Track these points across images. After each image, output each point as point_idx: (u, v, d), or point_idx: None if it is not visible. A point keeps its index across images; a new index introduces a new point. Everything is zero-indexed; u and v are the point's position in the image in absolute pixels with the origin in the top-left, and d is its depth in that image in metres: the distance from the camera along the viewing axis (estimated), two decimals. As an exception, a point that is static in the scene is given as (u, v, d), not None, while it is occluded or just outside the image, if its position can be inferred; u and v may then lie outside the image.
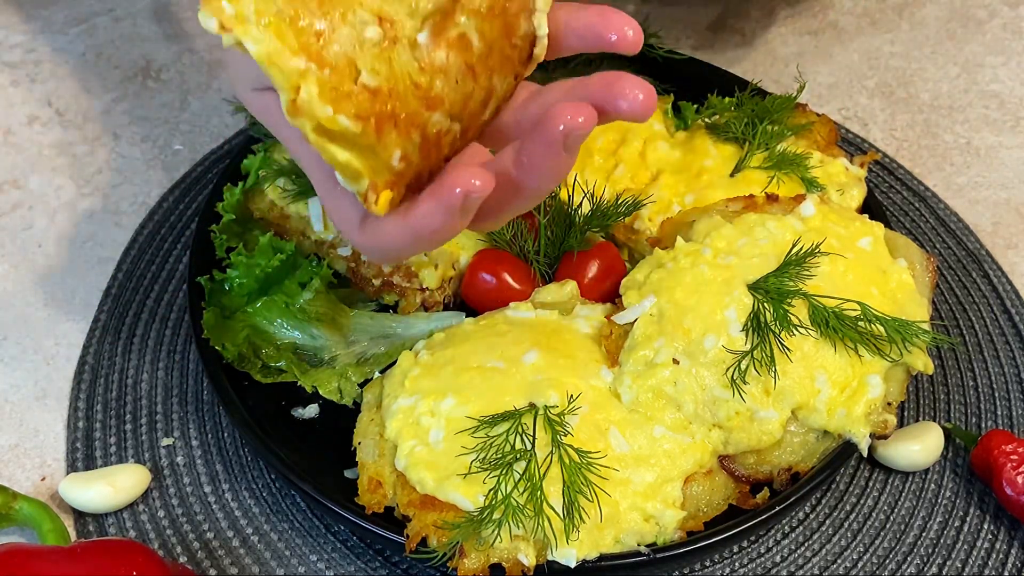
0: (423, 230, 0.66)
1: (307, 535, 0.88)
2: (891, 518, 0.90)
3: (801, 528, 0.90)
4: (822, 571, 0.88)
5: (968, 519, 0.91)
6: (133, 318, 1.02)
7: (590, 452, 0.79)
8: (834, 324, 0.83)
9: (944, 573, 0.88)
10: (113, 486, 0.88)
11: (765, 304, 0.83)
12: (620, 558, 0.78)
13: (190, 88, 1.22)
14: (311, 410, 0.91)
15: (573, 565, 0.77)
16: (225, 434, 0.94)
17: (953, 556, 0.88)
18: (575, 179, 0.99)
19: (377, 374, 0.91)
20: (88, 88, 1.22)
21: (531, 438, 0.79)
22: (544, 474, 0.77)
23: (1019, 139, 1.20)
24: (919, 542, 0.89)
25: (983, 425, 0.96)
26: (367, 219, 0.69)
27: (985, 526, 0.90)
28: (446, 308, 0.97)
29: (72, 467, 0.92)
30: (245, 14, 0.58)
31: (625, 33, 0.67)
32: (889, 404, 0.84)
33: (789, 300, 0.84)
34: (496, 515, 0.76)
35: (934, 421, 0.96)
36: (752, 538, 0.89)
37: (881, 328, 0.83)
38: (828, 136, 1.05)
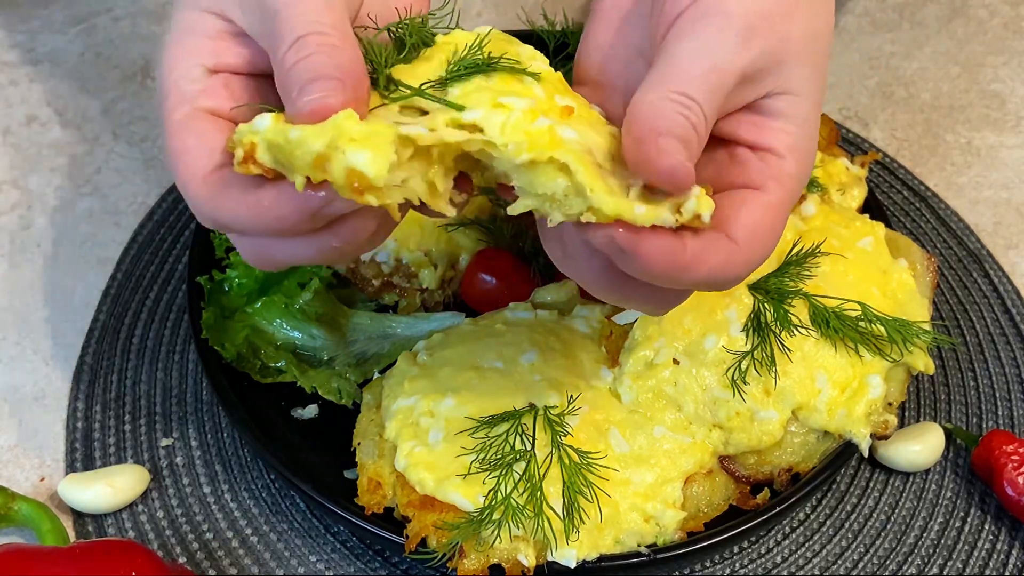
0: (265, 213, 0.62)
1: (306, 536, 0.88)
2: (892, 519, 0.90)
3: (802, 529, 0.90)
4: (823, 572, 0.87)
5: (969, 520, 0.90)
6: (132, 318, 1.02)
7: (590, 452, 0.78)
8: (835, 324, 0.83)
9: (945, 574, 0.87)
10: (112, 486, 0.88)
11: (765, 304, 0.83)
12: (620, 559, 0.78)
13: (190, 88, 1.22)
14: (310, 410, 0.91)
15: (573, 566, 0.77)
16: (224, 434, 0.94)
17: (954, 557, 0.88)
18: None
19: (376, 374, 0.91)
20: (87, 88, 1.22)
21: (531, 438, 0.79)
22: (544, 475, 0.77)
23: (1020, 139, 1.20)
24: (920, 543, 0.89)
25: (984, 425, 0.96)
26: (221, 177, 0.64)
27: (986, 527, 0.90)
28: (446, 308, 0.97)
29: (71, 467, 0.92)
30: None
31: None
32: (890, 404, 0.84)
33: (790, 300, 0.83)
34: (496, 516, 0.76)
35: (935, 421, 0.96)
36: (752, 539, 0.89)
37: (882, 328, 0.83)
38: (829, 136, 1.04)
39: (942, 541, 0.89)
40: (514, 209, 0.64)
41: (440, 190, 0.64)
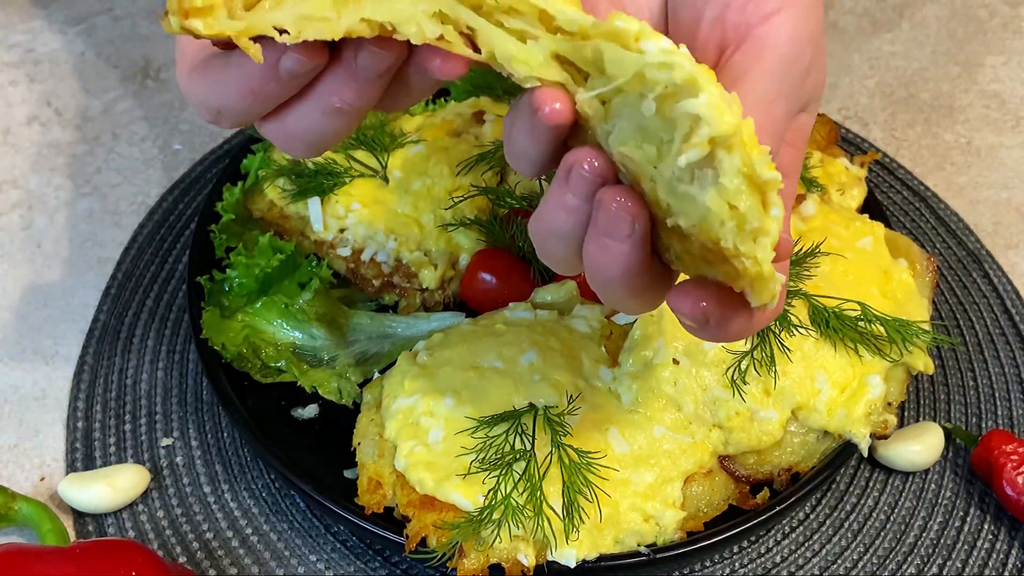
0: (245, 73, 0.61)
1: (306, 535, 0.88)
2: (891, 518, 0.90)
3: (801, 528, 0.90)
4: (822, 571, 0.87)
5: (968, 519, 0.91)
6: (132, 318, 1.02)
7: (590, 452, 0.78)
8: (834, 324, 0.83)
9: (944, 573, 0.87)
10: (112, 486, 0.88)
11: (765, 304, 0.83)
12: (620, 558, 0.78)
13: (190, 88, 1.22)
14: (311, 410, 0.91)
15: (573, 565, 0.77)
16: (225, 434, 0.94)
17: (953, 556, 0.88)
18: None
19: (376, 374, 0.91)
20: (87, 88, 1.22)
21: (530, 438, 0.79)
22: (544, 474, 0.77)
23: (1019, 139, 1.20)
24: (919, 542, 0.89)
25: (983, 425, 0.96)
26: (202, 62, 0.64)
27: (985, 526, 0.90)
28: (446, 308, 0.97)
29: (71, 467, 0.92)
30: None
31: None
32: (889, 404, 0.84)
33: (789, 300, 0.83)
34: (496, 515, 0.76)
35: (934, 421, 0.96)
36: (752, 538, 0.89)
37: (881, 328, 0.83)
38: (828, 136, 1.04)
39: (941, 541, 0.89)
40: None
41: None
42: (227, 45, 0.60)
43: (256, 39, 0.58)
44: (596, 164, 0.57)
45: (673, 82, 0.51)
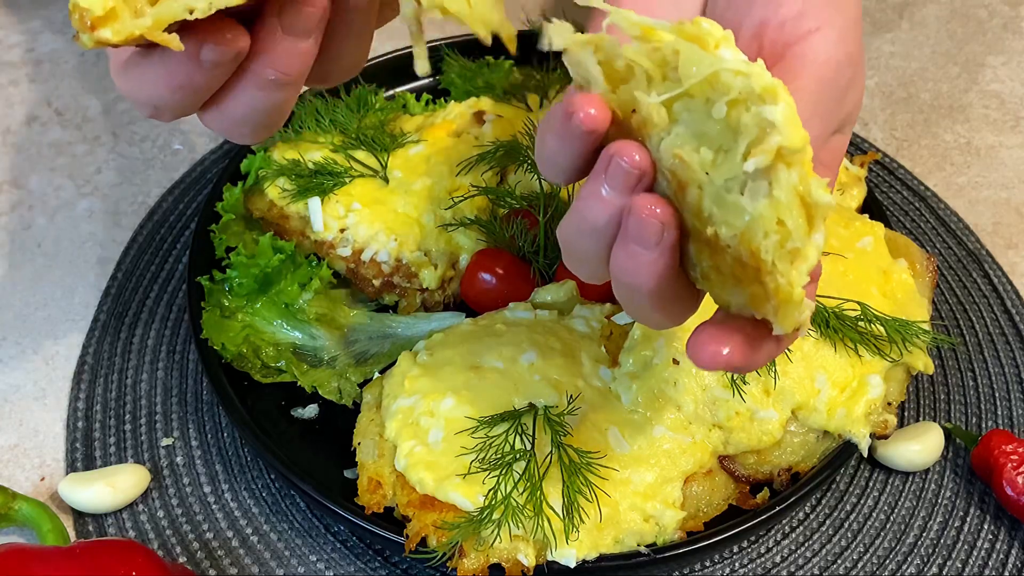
0: (171, 69, 0.60)
1: (307, 535, 0.88)
2: (891, 518, 0.90)
3: (801, 528, 0.90)
4: (822, 571, 0.87)
5: (968, 519, 0.91)
6: (132, 318, 1.02)
7: (590, 452, 0.79)
8: (834, 324, 0.83)
9: (944, 573, 0.87)
10: (112, 486, 0.88)
11: (765, 304, 0.83)
12: (620, 558, 0.78)
13: (190, 88, 1.22)
14: (311, 410, 0.91)
15: (573, 565, 0.77)
16: (225, 434, 0.94)
17: (953, 556, 0.88)
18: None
19: (377, 374, 0.91)
20: (87, 88, 1.22)
21: (531, 438, 0.79)
22: (544, 474, 0.77)
23: (1019, 139, 1.20)
24: (919, 542, 0.89)
25: (983, 425, 0.96)
26: (129, 59, 0.63)
27: (985, 526, 0.90)
28: (446, 308, 0.97)
29: (71, 467, 0.92)
30: None
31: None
32: (889, 404, 0.84)
33: (789, 300, 0.83)
34: (496, 515, 0.76)
35: (934, 421, 0.96)
36: (752, 538, 0.89)
37: (881, 328, 0.83)
38: (828, 136, 1.04)
39: (941, 541, 0.89)
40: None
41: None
42: (148, 44, 0.59)
43: (172, 28, 0.56)
44: (638, 158, 0.56)
45: (751, 89, 0.52)
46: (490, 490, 0.77)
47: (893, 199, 1.13)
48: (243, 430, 0.86)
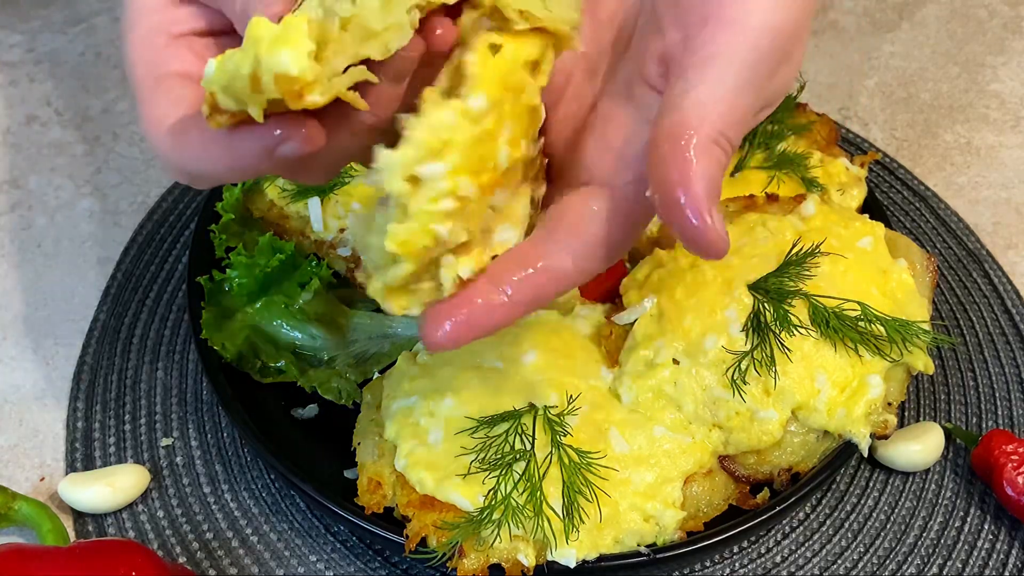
0: (237, 154, 0.60)
1: (306, 535, 0.88)
2: (891, 518, 0.90)
3: (801, 528, 0.90)
4: (822, 571, 0.87)
5: (969, 519, 0.91)
6: (132, 318, 1.02)
7: (590, 452, 0.78)
8: (834, 324, 0.83)
9: (944, 573, 0.87)
10: (112, 486, 0.88)
11: (765, 304, 0.83)
12: (620, 558, 0.78)
13: (190, 88, 1.22)
14: (311, 410, 0.91)
15: (573, 565, 0.77)
16: (224, 434, 0.94)
17: (954, 556, 0.88)
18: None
19: (376, 374, 0.91)
20: (87, 88, 1.22)
21: (530, 438, 0.79)
22: (544, 474, 0.77)
23: (1019, 139, 1.20)
24: (919, 542, 0.89)
25: (983, 425, 0.96)
26: (181, 124, 0.63)
27: (986, 526, 0.90)
28: (446, 308, 0.97)
29: (71, 467, 0.92)
30: None
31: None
32: (889, 404, 0.84)
33: (789, 300, 0.83)
34: (496, 515, 0.76)
35: (934, 421, 0.96)
36: (752, 538, 0.89)
37: (881, 328, 0.83)
38: (828, 136, 1.04)
39: (942, 541, 0.89)
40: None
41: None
42: (241, 122, 0.59)
43: (273, 111, 0.58)
44: None
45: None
46: (490, 490, 0.77)
47: (893, 199, 1.13)
48: (243, 430, 0.86)
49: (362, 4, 0.57)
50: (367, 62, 0.58)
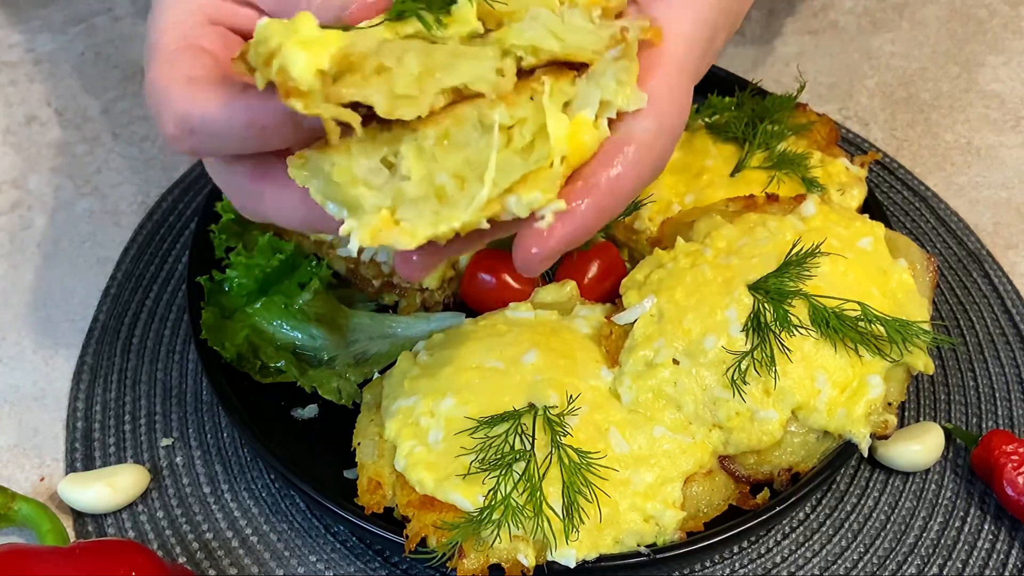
0: (238, 109, 0.64)
1: (306, 535, 0.88)
2: (892, 518, 0.90)
3: (801, 528, 0.90)
4: (822, 571, 0.87)
5: (969, 519, 0.90)
6: (132, 318, 1.02)
7: (590, 452, 0.78)
8: (834, 324, 0.83)
9: (945, 573, 0.87)
10: (112, 486, 0.88)
11: (765, 304, 0.83)
12: (620, 558, 0.78)
13: (189, 88, 1.22)
14: (310, 410, 0.91)
15: (572, 565, 0.77)
16: (224, 434, 0.94)
17: (954, 556, 0.88)
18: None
19: (376, 374, 0.91)
20: (87, 88, 1.22)
21: (530, 438, 0.79)
22: (543, 475, 0.77)
23: (1019, 139, 1.20)
24: (920, 542, 0.89)
25: (984, 425, 0.96)
26: (199, 77, 0.66)
27: (986, 526, 0.90)
28: (446, 308, 0.97)
29: (71, 467, 0.92)
30: None
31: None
32: (889, 404, 0.84)
33: (789, 300, 0.83)
34: (495, 515, 0.76)
35: (934, 421, 0.96)
36: (752, 539, 0.89)
37: (881, 328, 0.83)
38: (828, 136, 1.04)
39: (942, 541, 0.89)
40: None
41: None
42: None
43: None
44: None
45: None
46: (490, 490, 0.77)
47: (893, 199, 1.13)
48: (243, 430, 0.86)
49: (402, 64, 0.60)
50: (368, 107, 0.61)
